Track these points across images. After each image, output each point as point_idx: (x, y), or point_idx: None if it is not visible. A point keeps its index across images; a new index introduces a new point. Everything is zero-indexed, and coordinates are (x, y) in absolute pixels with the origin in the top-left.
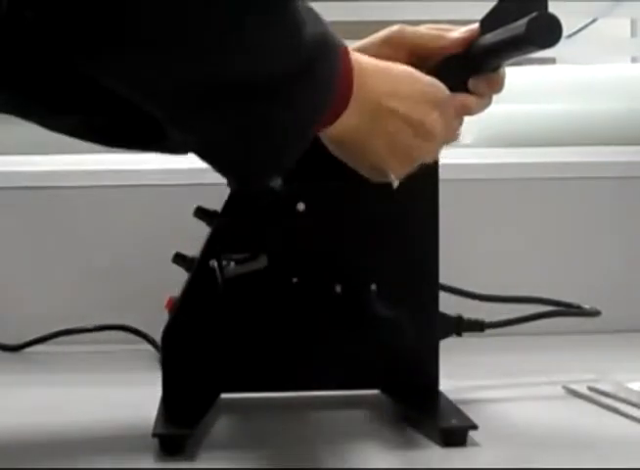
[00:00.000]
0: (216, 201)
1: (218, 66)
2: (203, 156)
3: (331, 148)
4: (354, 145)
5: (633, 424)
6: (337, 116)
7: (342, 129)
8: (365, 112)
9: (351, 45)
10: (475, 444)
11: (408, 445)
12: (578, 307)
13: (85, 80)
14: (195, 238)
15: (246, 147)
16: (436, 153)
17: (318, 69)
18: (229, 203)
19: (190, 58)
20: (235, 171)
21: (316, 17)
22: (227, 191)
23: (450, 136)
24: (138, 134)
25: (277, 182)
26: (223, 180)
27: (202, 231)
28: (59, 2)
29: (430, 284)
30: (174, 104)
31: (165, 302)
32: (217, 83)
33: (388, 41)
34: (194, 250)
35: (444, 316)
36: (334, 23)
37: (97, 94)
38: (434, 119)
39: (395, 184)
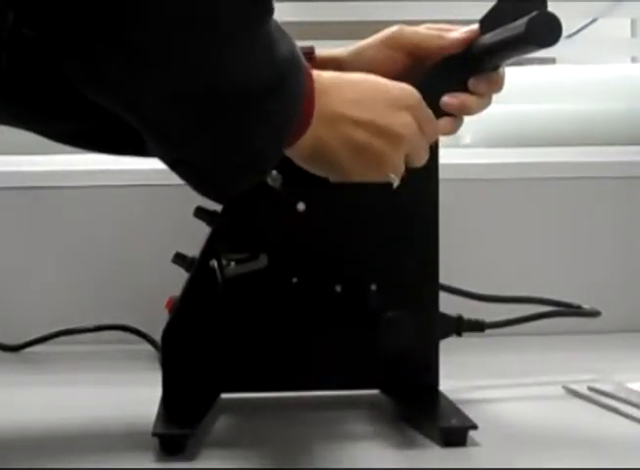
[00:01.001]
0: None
1: (198, 77)
2: (177, 168)
3: (301, 164)
4: (322, 158)
5: (633, 424)
6: (302, 132)
7: (309, 144)
8: (329, 124)
9: (352, 45)
10: (475, 444)
11: (408, 445)
12: (578, 307)
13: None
14: (195, 238)
15: (220, 156)
16: (421, 154)
17: (289, 84)
18: (229, 203)
19: (171, 70)
20: (209, 181)
21: (286, 35)
22: None
23: (430, 136)
24: (132, 141)
25: (277, 182)
26: None
27: (202, 231)
28: (57, 14)
29: (430, 284)
30: (154, 114)
31: (165, 302)
32: (196, 94)
33: (387, 42)
34: (194, 250)
35: (444, 316)
36: (334, 23)
37: (91, 101)
38: (402, 123)
39: (395, 184)
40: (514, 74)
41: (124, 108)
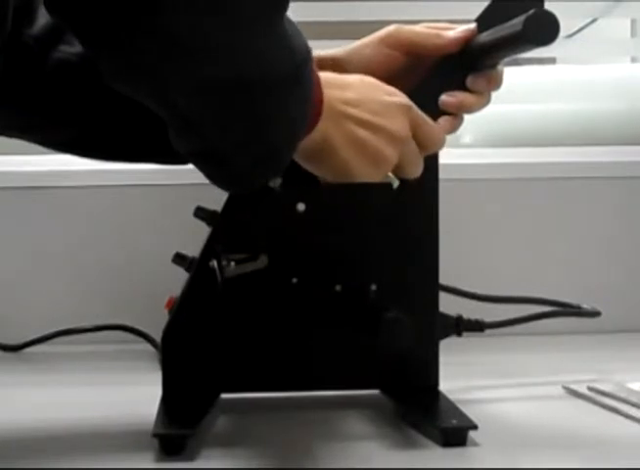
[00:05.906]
0: (216, 201)
1: (224, 64)
2: (196, 159)
3: (304, 161)
4: (327, 155)
5: (633, 424)
6: (315, 123)
7: (317, 138)
8: (334, 120)
9: (350, 45)
10: (475, 444)
11: (408, 445)
12: (578, 307)
13: (84, 92)
14: (195, 238)
15: (240, 146)
16: (414, 162)
17: (305, 73)
18: (229, 203)
19: (199, 56)
20: (225, 172)
21: (297, 28)
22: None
23: (425, 139)
24: (125, 147)
25: (277, 182)
26: None
27: (202, 231)
28: (86, 5)
29: (430, 284)
30: (181, 101)
31: (165, 302)
32: (223, 81)
33: (385, 40)
34: (194, 250)
35: (444, 316)
36: (335, 23)
37: (94, 107)
38: (399, 124)
39: (395, 184)
40: (514, 74)
41: (153, 96)
